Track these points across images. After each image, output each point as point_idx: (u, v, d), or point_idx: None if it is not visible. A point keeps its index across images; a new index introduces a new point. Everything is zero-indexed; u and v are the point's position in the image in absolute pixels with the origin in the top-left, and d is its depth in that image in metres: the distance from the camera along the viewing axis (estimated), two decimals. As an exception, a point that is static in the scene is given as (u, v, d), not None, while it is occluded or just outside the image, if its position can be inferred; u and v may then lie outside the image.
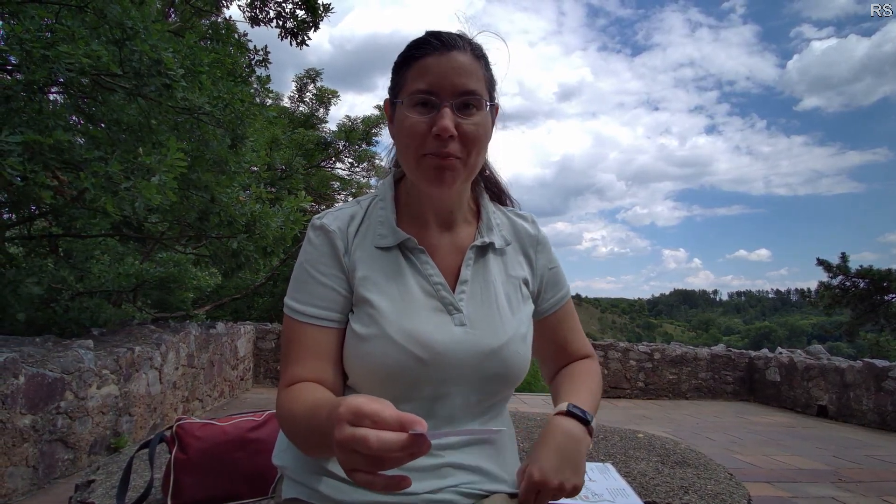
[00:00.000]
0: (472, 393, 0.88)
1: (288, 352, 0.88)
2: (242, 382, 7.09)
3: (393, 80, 0.91)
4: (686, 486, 1.51)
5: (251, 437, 1.31)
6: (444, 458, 0.86)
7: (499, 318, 0.91)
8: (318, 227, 0.92)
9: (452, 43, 0.84)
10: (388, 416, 0.57)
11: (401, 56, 0.89)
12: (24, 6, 3.04)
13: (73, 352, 3.34)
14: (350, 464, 0.58)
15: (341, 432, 0.58)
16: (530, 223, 1.04)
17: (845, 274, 14.09)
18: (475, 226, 0.99)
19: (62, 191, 2.80)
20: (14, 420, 2.74)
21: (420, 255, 0.91)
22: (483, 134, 0.86)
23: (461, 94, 0.83)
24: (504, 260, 0.98)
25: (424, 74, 0.83)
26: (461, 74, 0.83)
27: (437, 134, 0.81)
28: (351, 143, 13.87)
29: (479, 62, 0.87)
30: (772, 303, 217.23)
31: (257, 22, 6.61)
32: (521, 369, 0.91)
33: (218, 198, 4.31)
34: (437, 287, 0.90)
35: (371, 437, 0.55)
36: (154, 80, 3.18)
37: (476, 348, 0.87)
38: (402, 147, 0.87)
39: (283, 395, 0.85)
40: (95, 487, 1.36)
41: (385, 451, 0.55)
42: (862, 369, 6.52)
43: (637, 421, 6.10)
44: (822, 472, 4.02)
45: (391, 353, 0.83)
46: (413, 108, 0.84)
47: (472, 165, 0.87)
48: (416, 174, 0.87)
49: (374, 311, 0.86)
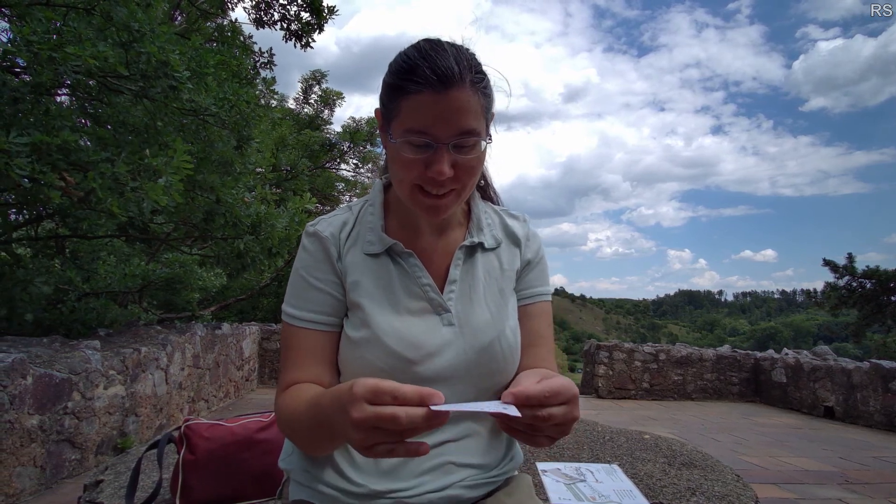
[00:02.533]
0: (467, 390, 0.89)
1: (286, 356, 0.90)
2: (248, 383, 7.10)
3: (385, 98, 0.85)
4: (693, 488, 1.51)
5: (259, 438, 1.32)
6: (447, 457, 0.88)
7: (488, 315, 0.92)
8: (311, 233, 0.94)
9: (449, 77, 0.77)
10: (409, 392, 0.59)
11: (393, 77, 0.82)
12: (31, 9, 3.05)
13: (80, 352, 3.36)
14: (369, 440, 0.60)
15: (361, 412, 0.59)
16: (521, 222, 1.04)
17: (852, 274, 14.01)
18: (466, 226, 0.99)
19: (69, 192, 2.81)
20: (22, 420, 2.76)
21: (409, 259, 0.92)
22: (478, 165, 0.85)
23: (458, 136, 0.79)
24: (498, 255, 0.99)
25: (419, 114, 0.78)
26: (459, 115, 0.78)
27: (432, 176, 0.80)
28: (355, 145, 13.87)
29: (477, 94, 0.80)
30: (777, 303, 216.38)
31: (262, 24, 6.63)
32: (513, 362, 0.92)
33: (223, 199, 4.33)
34: (425, 289, 0.91)
35: (401, 413, 0.57)
36: (160, 82, 3.19)
37: (466, 346, 0.89)
38: (396, 176, 0.86)
39: (282, 398, 0.87)
40: (104, 487, 1.37)
41: (413, 426, 0.57)
42: (869, 370, 6.48)
43: (642, 422, 6.08)
44: (828, 474, 3.99)
45: (382, 356, 0.85)
46: (408, 145, 0.80)
47: (466, 194, 0.87)
48: (409, 202, 0.86)
49: (365, 315, 0.88)
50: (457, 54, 0.80)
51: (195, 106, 3.52)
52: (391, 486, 0.85)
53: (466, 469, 0.89)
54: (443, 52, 0.80)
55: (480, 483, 0.90)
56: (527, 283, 1.01)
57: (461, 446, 0.90)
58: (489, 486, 0.92)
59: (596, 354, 8.23)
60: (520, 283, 1.01)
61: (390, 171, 0.89)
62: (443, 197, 0.83)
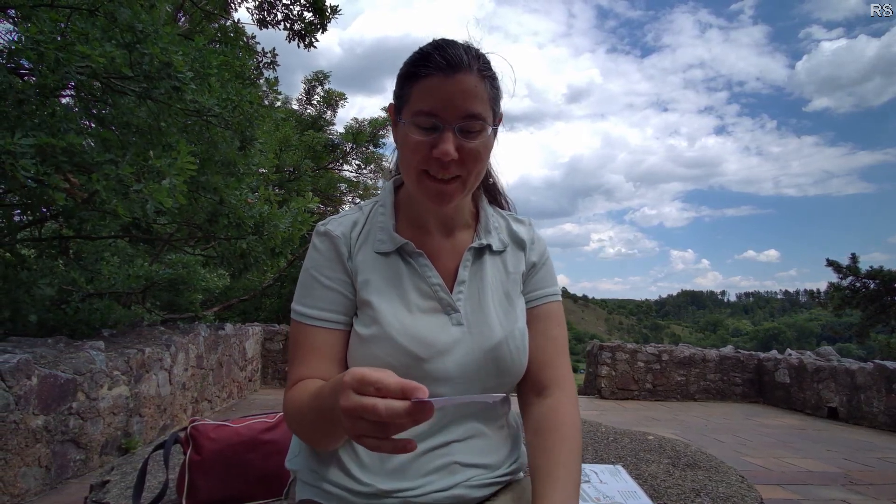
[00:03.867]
0: (474, 389, 0.90)
1: (295, 355, 0.91)
2: (251, 383, 7.12)
3: (398, 89, 0.89)
4: (698, 489, 1.51)
5: (264, 439, 1.32)
6: (453, 457, 0.88)
7: (495, 317, 0.93)
8: (322, 233, 0.95)
9: (458, 63, 0.81)
10: (392, 384, 0.58)
11: (406, 67, 0.86)
12: (35, 10, 3.06)
13: (85, 353, 3.37)
14: (356, 430, 0.60)
15: (347, 400, 0.60)
16: (527, 226, 1.05)
17: (855, 275, 13.96)
18: (474, 228, 1.00)
19: (74, 193, 2.82)
20: (27, 421, 2.77)
21: (419, 259, 0.93)
22: (484, 153, 0.86)
23: (464, 118, 0.82)
24: (504, 258, 1.00)
25: (428, 95, 0.82)
26: (466, 98, 0.82)
27: (437, 157, 0.82)
28: (358, 145, 13.90)
29: (484, 82, 0.84)
30: (780, 304, 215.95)
31: (265, 24, 6.65)
32: (520, 364, 0.93)
33: (227, 199, 4.33)
34: (435, 288, 0.92)
35: (380, 404, 0.57)
36: (164, 83, 3.20)
37: (474, 346, 0.90)
38: (404, 162, 0.88)
39: (290, 394, 0.88)
40: (110, 488, 1.37)
41: (392, 418, 0.57)
42: (873, 371, 6.47)
43: (646, 423, 6.08)
44: (832, 475, 3.99)
45: (392, 353, 0.86)
46: (416, 127, 0.83)
47: (471, 183, 0.88)
48: (417, 190, 0.88)
49: (375, 313, 0.88)
50: (467, 47, 0.85)
51: (198, 107, 3.53)
52: (397, 485, 0.85)
53: (472, 469, 0.89)
54: (454, 43, 0.84)
55: (486, 483, 0.91)
56: (533, 286, 1.02)
57: (467, 446, 0.90)
58: (494, 486, 0.93)
59: (599, 355, 8.23)
60: (527, 286, 1.01)
61: (400, 159, 0.91)
62: (448, 183, 0.85)
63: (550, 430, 0.89)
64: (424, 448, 0.87)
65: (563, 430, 0.89)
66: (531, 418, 0.93)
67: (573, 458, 0.86)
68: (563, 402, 0.92)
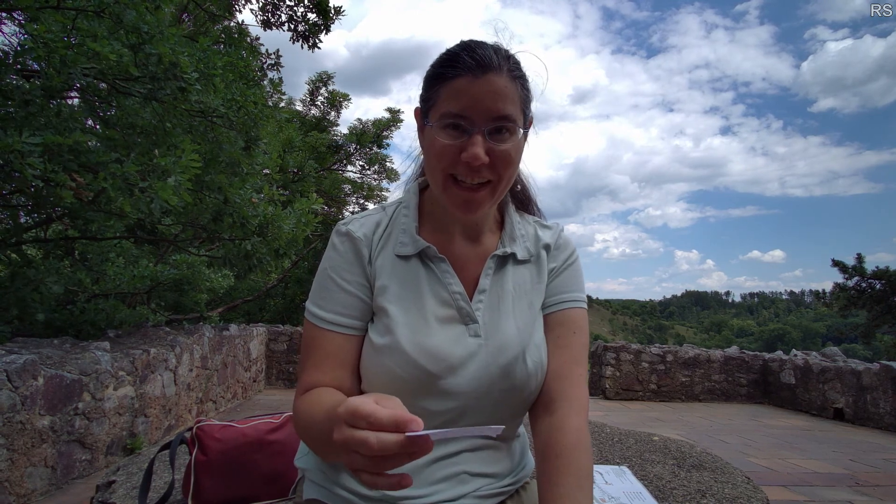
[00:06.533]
0: (487, 404, 0.87)
1: (307, 357, 0.88)
2: (255, 384, 7.13)
3: (424, 92, 0.86)
4: (703, 490, 1.51)
5: (270, 439, 1.33)
6: (461, 466, 0.87)
7: (514, 329, 0.89)
8: (343, 233, 0.91)
9: (488, 63, 0.78)
10: (383, 417, 0.55)
11: (433, 68, 0.83)
12: (42, 12, 3.08)
13: (91, 353, 3.38)
14: (352, 464, 0.58)
15: (340, 433, 0.58)
16: (553, 231, 1.01)
17: (861, 275, 13.88)
18: (499, 235, 0.97)
19: (80, 192, 2.83)
20: (33, 421, 2.78)
21: (440, 264, 0.90)
22: (515, 156, 0.83)
23: (494, 120, 0.79)
24: (529, 268, 0.96)
25: (457, 97, 0.79)
26: (496, 99, 0.78)
27: (466, 161, 0.79)
28: (362, 146, 13.92)
29: (515, 83, 0.81)
30: (786, 304, 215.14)
31: (269, 26, 6.67)
32: (536, 380, 0.88)
33: (231, 199, 4.34)
34: (455, 296, 0.88)
35: (371, 439, 0.55)
36: (169, 84, 3.21)
37: (489, 360, 0.86)
38: (431, 166, 0.85)
39: (301, 401, 0.84)
40: (116, 488, 1.37)
41: (385, 452, 0.55)
42: (879, 372, 6.43)
43: (650, 423, 6.06)
44: (839, 476, 3.97)
45: (404, 366, 0.83)
46: (444, 129, 0.80)
47: (502, 189, 0.84)
48: (444, 197, 0.85)
49: (390, 322, 0.85)
50: (497, 48, 0.82)
51: (203, 107, 3.54)
52: (406, 492, 0.84)
53: (480, 479, 0.88)
54: (483, 44, 0.82)
55: (494, 493, 0.89)
56: (551, 290, 0.96)
57: (476, 456, 0.89)
58: (502, 495, 0.91)
59: (603, 355, 8.21)
60: (546, 291, 0.96)
61: (426, 164, 0.88)
62: (477, 190, 0.82)
63: (554, 457, 0.81)
64: (434, 457, 0.86)
65: (566, 455, 0.81)
66: (537, 437, 0.88)
67: (578, 486, 0.78)
68: (569, 420, 0.84)
